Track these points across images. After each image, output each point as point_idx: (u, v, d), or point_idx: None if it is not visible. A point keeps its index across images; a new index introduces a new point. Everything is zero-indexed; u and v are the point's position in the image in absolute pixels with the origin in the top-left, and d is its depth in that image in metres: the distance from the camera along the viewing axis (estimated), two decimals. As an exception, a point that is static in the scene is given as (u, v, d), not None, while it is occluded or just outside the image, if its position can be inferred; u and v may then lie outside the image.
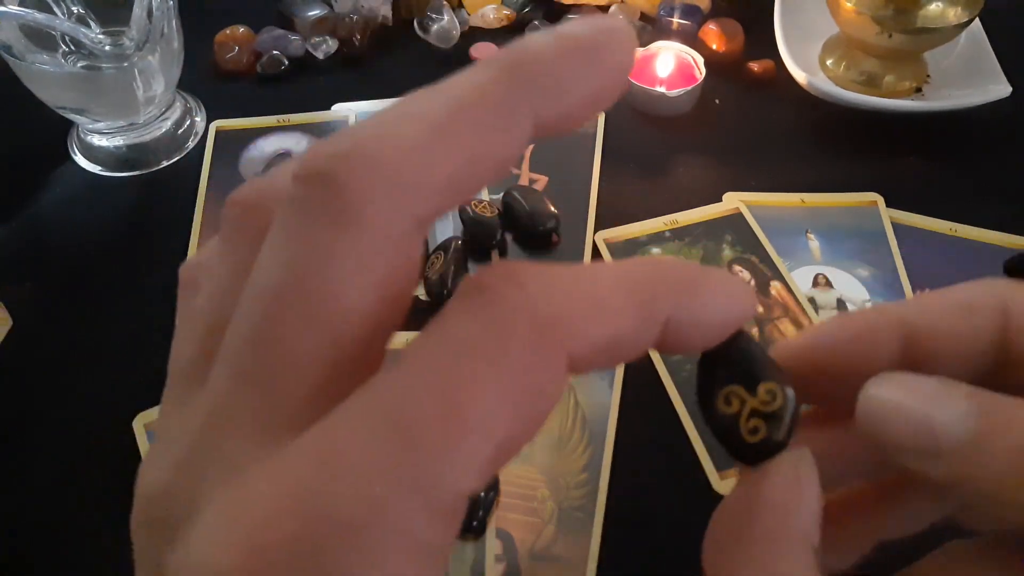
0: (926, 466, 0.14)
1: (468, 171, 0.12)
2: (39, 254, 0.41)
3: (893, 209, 0.42)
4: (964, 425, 0.14)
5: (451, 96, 0.12)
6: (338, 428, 0.11)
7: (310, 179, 0.12)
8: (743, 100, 0.49)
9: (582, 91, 0.13)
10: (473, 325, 0.12)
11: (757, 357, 0.15)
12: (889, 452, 0.15)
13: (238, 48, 0.50)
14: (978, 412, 0.14)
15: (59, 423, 0.35)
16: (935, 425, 0.14)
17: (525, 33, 0.53)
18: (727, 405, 0.15)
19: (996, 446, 0.14)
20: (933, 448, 0.14)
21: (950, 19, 0.45)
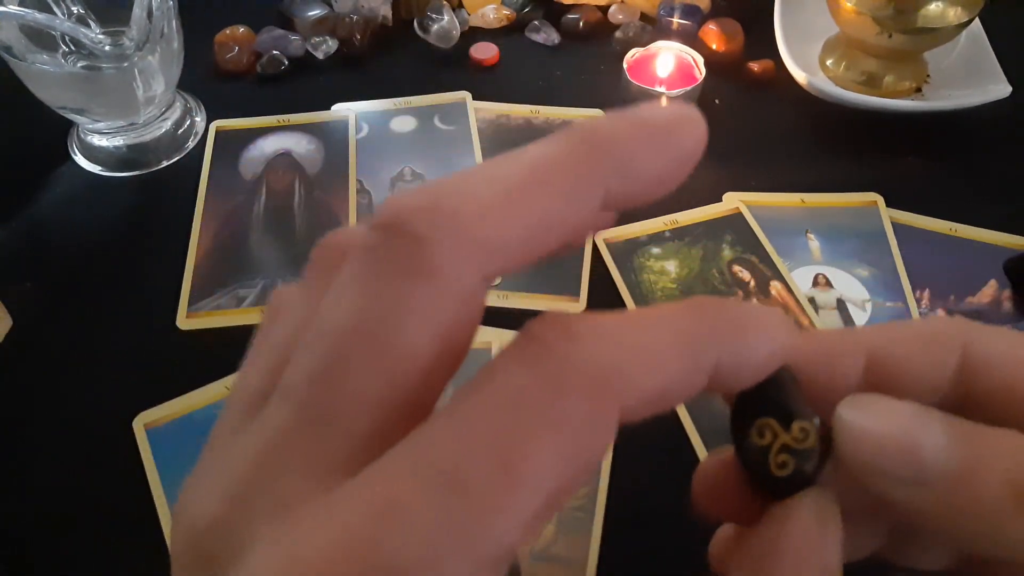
0: (909, 495, 0.14)
1: (539, 235, 0.13)
2: (39, 254, 0.41)
3: (893, 209, 0.42)
4: (949, 453, 0.14)
5: (529, 163, 0.13)
6: (392, 476, 0.11)
7: (388, 228, 0.12)
8: (743, 100, 0.49)
9: (651, 171, 0.13)
10: (527, 379, 0.12)
11: (795, 395, 0.15)
12: (868, 479, 0.14)
13: (238, 48, 0.50)
14: (963, 439, 0.14)
15: (59, 423, 0.35)
16: (921, 452, 0.14)
17: (525, 33, 0.53)
18: (760, 437, 0.15)
19: (986, 476, 0.14)
20: (917, 476, 0.14)
21: (950, 19, 0.45)
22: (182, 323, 0.38)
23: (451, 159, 0.45)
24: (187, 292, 0.39)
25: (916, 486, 0.14)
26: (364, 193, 0.43)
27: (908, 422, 0.14)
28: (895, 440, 0.14)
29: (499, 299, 0.39)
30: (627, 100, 0.48)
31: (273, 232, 0.42)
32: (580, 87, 0.50)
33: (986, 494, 0.14)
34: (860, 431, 0.14)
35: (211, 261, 0.40)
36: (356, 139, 0.46)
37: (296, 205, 0.43)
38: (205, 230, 0.41)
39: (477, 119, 0.47)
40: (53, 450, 0.34)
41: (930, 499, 0.14)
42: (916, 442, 0.14)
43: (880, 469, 0.14)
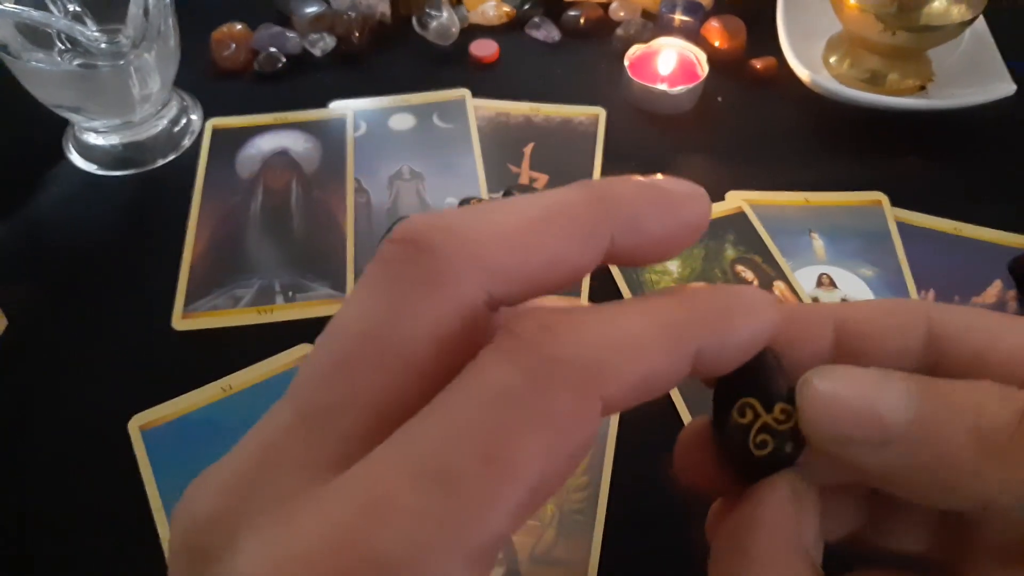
0: (875, 456, 0.14)
1: (544, 269, 0.14)
2: (34, 253, 0.41)
3: (897, 208, 0.42)
4: (908, 409, 0.14)
5: (543, 205, 0.14)
6: (381, 471, 0.12)
7: (404, 241, 0.13)
8: (745, 98, 0.49)
9: (654, 232, 0.15)
10: (510, 374, 0.12)
11: (778, 376, 0.15)
12: (836, 446, 0.15)
13: (235, 46, 0.50)
14: (920, 394, 0.14)
15: (54, 423, 0.34)
16: (881, 413, 0.14)
17: (525, 30, 0.53)
18: (741, 416, 0.15)
19: (945, 427, 0.14)
20: (881, 436, 0.14)
21: (953, 17, 0.44)
22: (178, 323, 0.37)
23: (450, 157, 0.45)
24: (183, 292, 0.38)
25: (881, 447, 0.14)
26: (362, 192, 0.43)
27: (867, 385, 0.14)
28: (855, 404, 0.14)
29: (499, 299, 0.38)
30: (628, 98, 0.48)
31: (270, 231, 0.41)
32: (581, 85, 0.49)
33: (950, 446, 0.14)
34: (821, 399, 0.15)
35: (207, 261, 0.40)
36: (354, 137, 0.46)
37: (293, 204, 0.42)
38: (201, 229, 0.41)
39: (476, 117, 0.47)
40: (48, 451, 0.33)
41: (896, 459, 0.14)
42: (875, 404, 0.14)
43: (844, 435, 0.14)
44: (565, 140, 0.46)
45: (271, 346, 0.36)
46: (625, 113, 0.47)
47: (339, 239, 0.41)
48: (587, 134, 0.46)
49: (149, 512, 0.31)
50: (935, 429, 0.14)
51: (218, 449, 0.37)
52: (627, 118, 0.47)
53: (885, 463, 0.14)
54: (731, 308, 0.14)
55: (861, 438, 0.14)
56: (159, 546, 0.30)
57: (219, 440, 0.33)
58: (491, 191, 0.43)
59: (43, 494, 0.32)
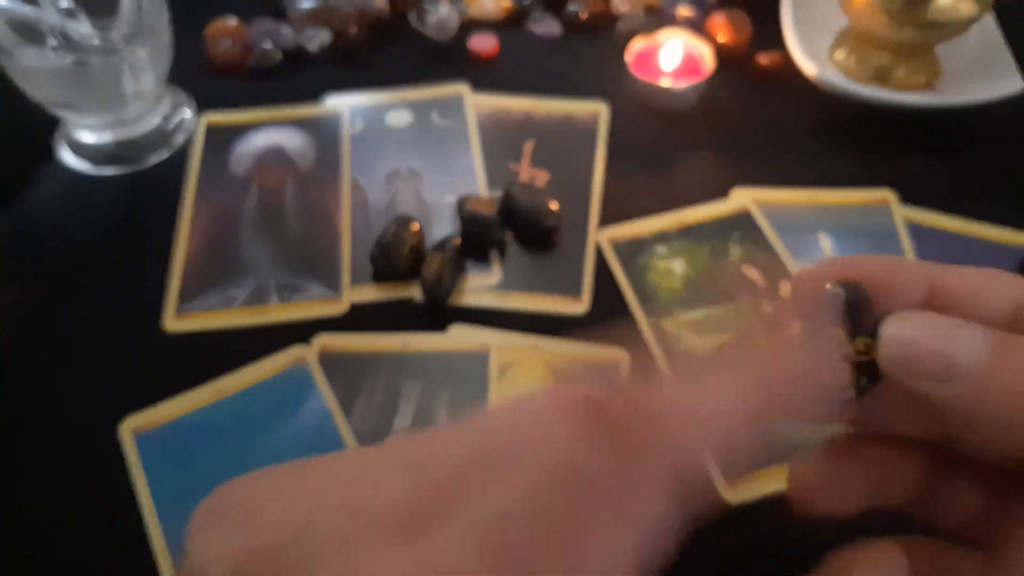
0: (945, 390, 0.16)
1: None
2: (26, 252, 0.40)
3: (905, 206, 0.41)
4: (978, 354, 0.16)
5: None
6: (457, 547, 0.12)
7: (600, 413, 0.14)
8: (751, 94, 0.48)
9: None
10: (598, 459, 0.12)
11: (864, 313, 0.17)
12: (908, 382, 0.17)
13: (229, 41, 0.49)
14: (992, 343, 0.16)
15: (46, 425, 0.34)
16: (952, 354, 0.16)
17: (525, 25, 0.52)
18: None
19: (1006, 374, 0.16)
20: (949, 373, 0.16)
21: (961, 12, 0.44)
22: (171, 324, 0.37)
23: (448, 155, 0.44)
24: (176, 292, 0.38)
25: (950, 382, 0.16)
26: (359, 190, 0.42)
27: (942, 329, 0.16)
28: (927, 343, 0.16)
29: (498, 299, 0.37)
30: (631, 94, 0.47)
31: (265, 230, 0.40)
32: (582, 80, 0.48)
33: (1012, 387, 0.15)
34: (899, 338, 0.17)
35: (201, 260, 0.39)
36: (351, 134, 0.45)
37: (288, 202, 0.42)
38: (195, 228, 0.40)
39: (475, 113, 0.46)
40: (40, 453, 0.33)
41: (961, 395, 0.16)
42: (946, 344, 0.16)
43: (916, 371, 0.16)
44: (566, 137, 0.45)
45: (266, 347, 0.35)
46: (628, 109, 0.47)
47: (335, 238, 0.40)
48: (589, 130, 0.45)
49: (141, 516, 0.31)
50: (1000, 371, 0.16)
51: (212, 453, 0.36)
52: (630, 114, 0.46)
53: (953, 396, 0.16)
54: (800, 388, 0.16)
55: (932, 374, 0.16)
56: (150, 551, 0.30)
57: (213, 443, 0.32)
58: (490, 189, 0.42)
59: (35, 497, 0.32)
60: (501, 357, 0.35)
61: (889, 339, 0.17)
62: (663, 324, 0.36)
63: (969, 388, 0.16)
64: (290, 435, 0.33)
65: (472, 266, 0.39)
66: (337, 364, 0.35)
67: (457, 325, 0.36)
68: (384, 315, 0.37)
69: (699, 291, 0.38)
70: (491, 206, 0.39)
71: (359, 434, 0.33)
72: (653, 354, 0.35)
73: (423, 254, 0.38)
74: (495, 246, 0.39)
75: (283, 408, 0.33)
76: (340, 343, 0.36)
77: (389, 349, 0.35)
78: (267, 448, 0.32)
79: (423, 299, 0.37)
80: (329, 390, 0.34)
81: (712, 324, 0.36)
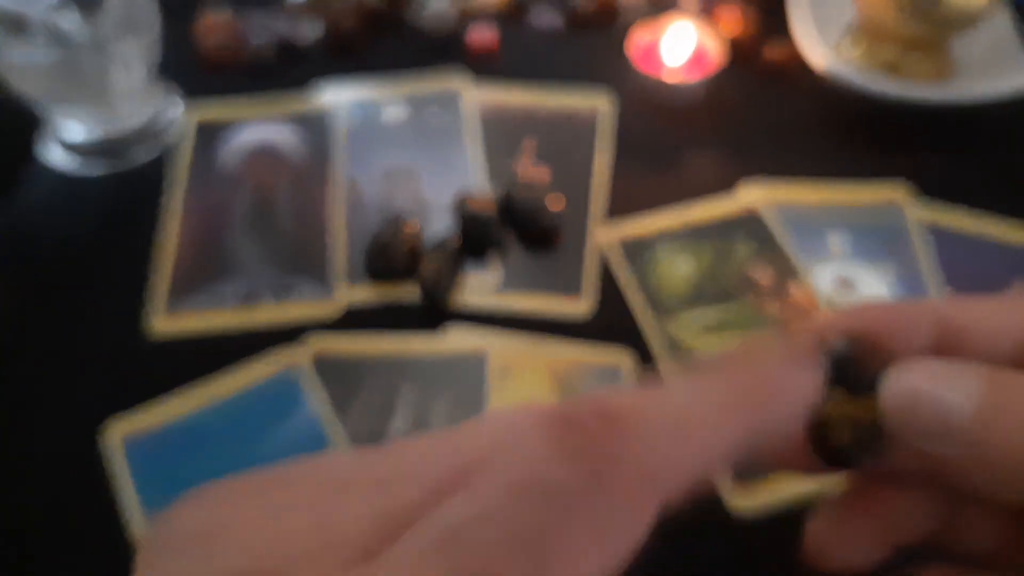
0: (945, 446, 0.15)
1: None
2: (12, 252, 0.40)
3: (917, 204, 0.41)
4: (971, 401, 0.15)
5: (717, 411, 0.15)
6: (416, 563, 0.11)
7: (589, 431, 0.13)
8: (758, 88, 0.47)
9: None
10: (568, 472, 0.12)
11: (864, 369, 0.16)
12: (914, 438, 0.16)
13: (220, 34, 0.48)
14: (984, 389, 0.15)
15: (32, 429, 0.33)
16: (947, 405, 0.15)
17: (526, 18, 0.51)
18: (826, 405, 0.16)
19: (1001, 420, 0.15)
20: (945, 428, 0.15)
21: (975, 5, 0.43)
22: (160, 325, 0.36)
23: (446, 151, 0.43)
24: (165, 292, 0.37)
25: (948, 437, 0.15)
26: (353, 187, 0.42)
27: (937, 376, 0.15)
28: (923, 395, 0.15)
29: (497, 300, 0.37)
30: (634, 88, 0.46)
31: (256, 228, 0.40)
32: (584, 74, 0.48)
33: (1008, 437, 0.14)
34: (900, 392, 0.16)
35: (190, 259, 0.38)
36: (344, 130, 0.44)
37: (280, 200, 0.41)
38: (184, 226, 0.40)
39: (475, 109, 0.45)
40: (25, 457, 0.32)
41: (960, 448, 0.15)
42: (942, 395, 0.15)
43: (917, 428, 0.15)
44: (567, 132, 0.44)
45: (258, 349, 0.35)
46: (631, 104, 0.46)
47: (329, 237, 0.39)
48: (591, 126, 0.45)
49: (127, 522, 0.30)
50: (995, 420, 0.15)
51: (202, 458, 0.35)
52: (633, 109, 0.46)
53: (951, 451, 0.15)
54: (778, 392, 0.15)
55: (931, 430, 0.15)
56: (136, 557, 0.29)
57: (203, 448, 0.32)
58: (490, 186, 0.41)
59: (20, 501, 0.31)
60: (500, 359, 0.34)
61: (890, 393, 0.16)
62: (667, 324, 0.36)
63: (963, 441, 0.15)
64: (282, 440, 0.32)
65: (471, 266, 0.38)
66: (332, 367, 0.34)
67: (455, 326, 0.36)
68: (380, 316, 0.36)
69: (704, 291, 0.37)
70: (490, 204, 0.39)
71: (355, 438, 0.32)
72: (656, 356, 0.35)
73: (420, 253, 0.37)
74: (494, 245, 0.39)
75: (275, 412, 0.33)
76: (334, 345, 0.35)
77: (385, 351, 0.35)
78: (258, 453, 0.32)
79: (420, 300, 0.36)
80: (322, 394, 0.34)
81: (718, 324, 0.36)
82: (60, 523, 0.31)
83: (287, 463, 0.15)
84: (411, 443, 0.14)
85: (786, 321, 0.36)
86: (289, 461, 0.35)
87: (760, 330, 0.35)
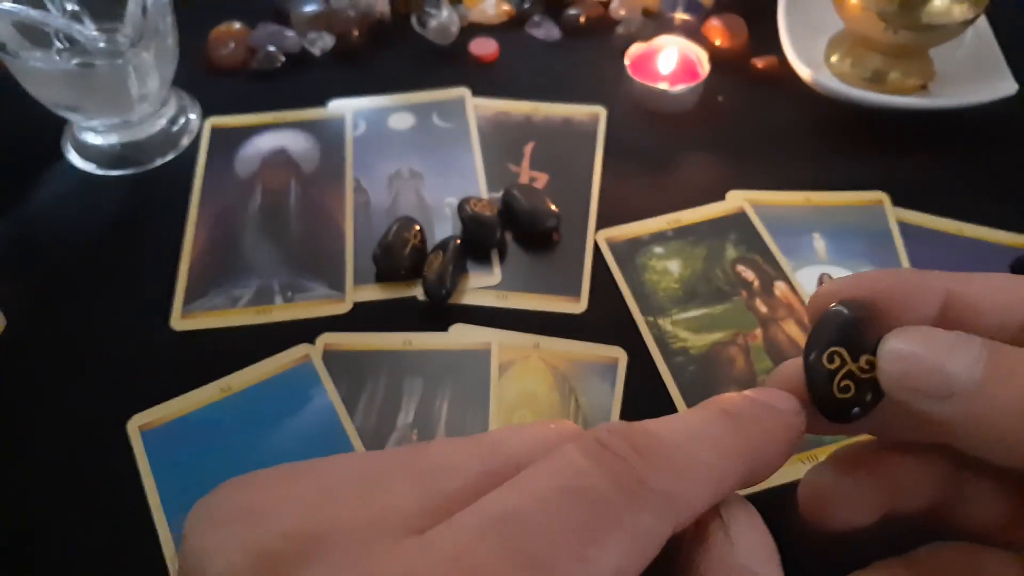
0: (941, 407, 0.16)
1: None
2: (33, 252, 0.41)
3: (899, 208, 0.42)
4: (973, 370, 0.16)
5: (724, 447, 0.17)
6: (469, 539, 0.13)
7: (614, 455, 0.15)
8: (747, 97, 0.49)
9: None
10: (605, 483, 0.14)
11: (867, 330, 0.18)
12: (907, 397, 0.17)
13: (233, 44, 0.50)
14: (988, 358, 0.16)
15: (53, 423, 0.34)
16: (949, 370, 0.16)
17: (525, 29, 0.53)
18: (829, 362, 0.17)
19: (1001, 389, 0.16)
20: (946, 391, 0.16)
21: (956, 15, 0.44)
22: (176, 323, 0.37)
23: (449, 156, 0.44)
24: (182, 292, 0.38)
25: (946, 400, 0.16)
26: (361, 191, 0.43)
27: (940, 345, 0.16)
28: (926, 361, 0.16)
29: (498, 299, 0.38)
30: (629, 97, 0.48)
31: (269, 231, 0.41)
32: (581, 83, 0.49)
33: (1004, 403, 0.15)
34: (898, 355, 0.17)
35: (205, 260, 0.39)
36: (353, 136, 0.45)
37: (292, 204, 0.42)
38: (200, 229, 0.41)
39: (476, 116, 0.46)
40: (47, 451, 0.33)
41: (957, 411, 0.16)
42: (945, 362, 0.16)
43: (913, 388, 0.16)
44: (565, 139, 0.46)
45: (270, 346, 0.36)
46: (626, 112, 0.47)
47: (338, 239, 0.40)
48: (588, 133, 0.46)
49: (148, 513, 0.31)
50: (995, 386, 0.16)
51: (218, 449, 0.36)
52: (628, 117, 0.47)
53: (950, 414, 0.16)
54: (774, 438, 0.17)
55: (929, 391, 0.16)
56: (158, 546, 0.30)
57: (218, 441, 0.33)
58: (491, 191, 0.43)
59: (41, 494, 0.32)
60: (502, 355, 0.35)
61: (888, 354, 0.17)
62: (660, 322, 0.37)
63: (963, 406, 0.16)
64: (295, 432, 0.33)
65: (473, 266, 0.39)
66: (340, 362, 0.35)
67: (458, 324, 0.37)
68: (386, 314, 0.37)
69: (695, 291, 0.38)
70: (491, 207, 0.40)
71: (362, 431, 0.33)
72: (650, 353, 0.36)
73: (425, 254, 0.38)
74: (495, 247, 0.40)
75: (288, 405, 0.34)
76: (343, 341, 0.36)
77: (391, 347, 0.36)
78: (272, 445, 0.32)
79: (425, 298, 0.37)
80: (333, 388, 0.34)
81: (709, 322, 0.37)
82: (85, 511, 0.31)
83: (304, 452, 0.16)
84: (447, 440, 0.16)
85: (774, 319, 0.37)
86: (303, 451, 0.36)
87: (749, 327, 0.37)
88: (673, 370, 0.35)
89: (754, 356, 0.36)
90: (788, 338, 0.36)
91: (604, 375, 0.35)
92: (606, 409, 0.34)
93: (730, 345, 0.36)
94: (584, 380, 0.35)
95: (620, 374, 0.35)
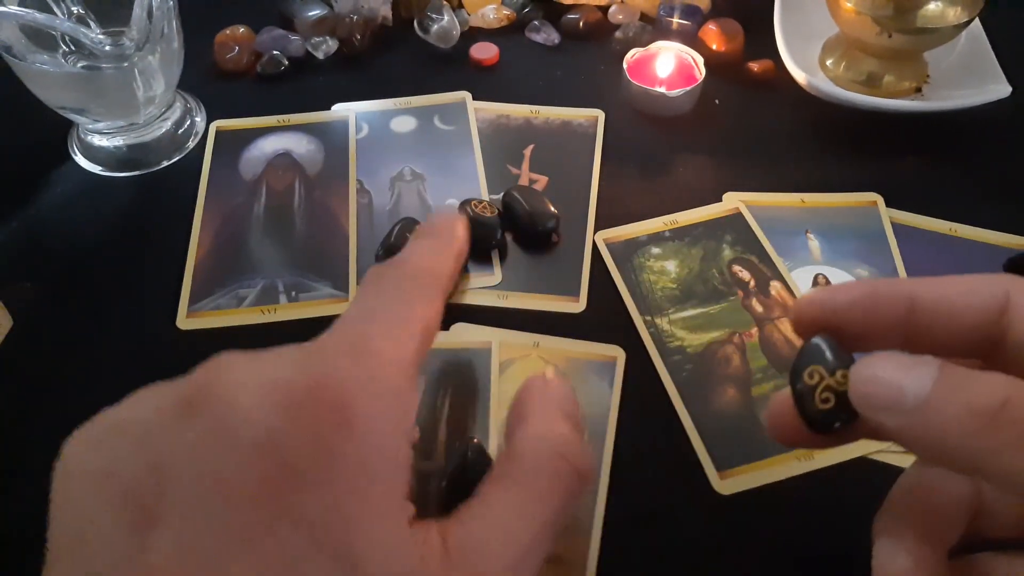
0: (895, 420, 0.18)
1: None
2: (40, 253, 0.41)
3: (893, 209, 0.42)
4: (924, 388, 0.18)
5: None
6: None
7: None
8: (743, 100, 0.49)
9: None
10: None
11: (840, 353, 0.20)
12: (870, 411, 0.19)
13: (238, 48, 0.50)
14: (937, 376, 0.18)
15: (60, 423, 0.34)
16: (903, 386, 0.18)
17: (525, 33, 0.53)
18: (810, 378, 0.20)
19: (946, 404, 0.17)
20: (900, 406, 0.18)
21: (950, 19, 0.45)
22: (182, 323, 0.38)
23: (451, 159, 0.45)
24: (187, 292, 0.39)
25: (900, 414, 0.18)
26: (364, 193, 0.43)
27: (898, 368, 0.18)
28: (883, 379, 0.18)
29: (498, 299, 0.39)
30: (627, 100, 0.48)
31: (273, 232, 0.42)
32: (580, 87, 0.50)
33: (947, 418, 0.17)
34: (863, 375, 0.19)
35: (211, 261, 0.40)
36: (356, 139, 0.46)
37: (296, 205, 0.43)
38: (205, 230, 0.41)
39: (477, 119, 0.47)
40: (54, 452, 0.33)
41: (908, 422, 0.18)
42: (901, 382, 0.18)
43: (875, 404, 0.19)
44: (565, 142, 0.46)
45: (274, 345, 0.36)
46: (624, 115, 0.48)
47: (341, 240, 0.41)
48: (587, 136, 0.47)
49: None
50: (940, 404, 0.17)
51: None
52: (626, 120, 0.48)
53: (903, 427, 0.18)
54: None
55: (885, 404, 0.18)
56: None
57: None
58: (491, 192, 0.43)
59: (46, 495, 0.32)
60: (502, 354, 0.36)
61: (855, 373, 0.19)
62: (657, 322, 0.38)
63: (913, 418, 0.18)
64: None
65: (473, 266, 0.40)
66: None
67: (459, 323, 0.37)
68: (389, 314, 0.38)
69: (692, 291, 0.39)
70: (492, 209, 0.40)
71: None
72: (647, 351, 0.36)
73: (426, 255, 0.39)
74: (496, 247, 0.40)
75: None
76: (346, 341, 0.37)
77: None
78: None
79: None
80: None
81: (706, 320, 0.38)
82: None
83: None
84: None
85: (770, 318, 0.38)
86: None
87: (745, 326, 0.37)
88: (670, 368, 0.36)
89: (750, 355, 0.36)
90: (783, 337, 0.37)
91: (603, 373, 0.35)
92: (605, 407, 0.34)
93: (726, 344, 0.37)
94: (583, 378, 0.35)
95: (618, 372, 0.35)
